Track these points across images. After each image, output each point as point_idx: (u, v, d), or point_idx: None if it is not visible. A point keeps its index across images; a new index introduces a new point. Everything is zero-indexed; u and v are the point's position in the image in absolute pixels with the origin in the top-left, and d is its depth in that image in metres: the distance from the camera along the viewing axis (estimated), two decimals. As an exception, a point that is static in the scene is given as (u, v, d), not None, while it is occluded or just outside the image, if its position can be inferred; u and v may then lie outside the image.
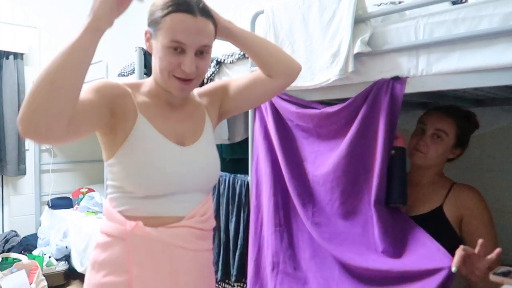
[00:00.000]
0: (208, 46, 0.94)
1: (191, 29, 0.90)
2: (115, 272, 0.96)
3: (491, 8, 0.99)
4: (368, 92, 1.24)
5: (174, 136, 1.00)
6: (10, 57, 3.49)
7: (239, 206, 1.77)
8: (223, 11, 3.31)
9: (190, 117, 1.06)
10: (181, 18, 0.89)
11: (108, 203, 1.03)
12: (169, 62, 0.91)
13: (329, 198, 1.37)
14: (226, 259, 1.80)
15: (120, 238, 0.96)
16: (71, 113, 0.76)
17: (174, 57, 0.91)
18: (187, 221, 1.00)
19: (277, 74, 1.10)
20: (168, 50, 0.90)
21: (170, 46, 0.90)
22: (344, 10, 1.24)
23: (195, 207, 1.02)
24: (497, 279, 0.88)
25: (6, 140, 3.50)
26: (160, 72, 0.94)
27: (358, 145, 1.28)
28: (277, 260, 1.48)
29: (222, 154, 2.43)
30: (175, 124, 1.02)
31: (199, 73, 0.95)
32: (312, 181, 1.45)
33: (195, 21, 0.90)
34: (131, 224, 0.95)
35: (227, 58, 1.81)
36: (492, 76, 1.02)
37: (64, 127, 0.75)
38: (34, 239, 3.40)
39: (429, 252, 1.16)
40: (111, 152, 0.97)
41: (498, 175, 1.78)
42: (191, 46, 0.90)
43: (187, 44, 0.90)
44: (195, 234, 1.02)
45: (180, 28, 0.89)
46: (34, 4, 3.72)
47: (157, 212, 0.98)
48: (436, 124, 1.32)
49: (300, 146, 1.51)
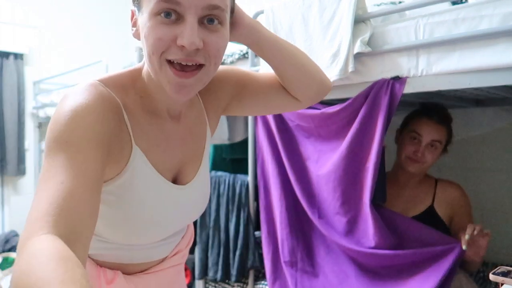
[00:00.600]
0: (220, 8, 0.58)
1: None
2: None
3: (491, 8, 0.99)
4: (368, 92, 1.24)
5: (170, 170, 0.72)
6: (10, 57, 3.49)
7: (239, 206, 1.77)
8: (223, 11, 3.23)
9: (191, 135, 0.76)
10: None
11: None
12: (158, 38, 0.57)
13: (331, 198, 1.38)
14: (226, 259, 1.80)
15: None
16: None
17: (167, 29, 0.57)
18: (170, 260, 0.81)
19: (305, 98, 0.84)
20: (156, 19, 0.57)
21: (158, 10, 0.56)
22: (344, 10, 1.24)
23: (178, 241, 0.82)
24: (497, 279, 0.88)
25: (6, 140, 3.50)
26: (149, 60, 0.60)
27: (358, 144, 1.29)
28: (295, 259, 1.52)
29: (222, 154, 2.43)
30: (175, 149, 0.72)
31: (209, 54, 0.60)
32: (316, 181, 1.46)
33: None
34: (107, 277, 0.72)
35: (227, 58, 1.80)
36: (492, 76, 1.02)
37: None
38: (34, 239, 3.40)
39: (435, 238, 1.24)
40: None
41: (498, 175, 1.79)
42: (192, 5, 0.56)
43: (184, 4, 0.56)
44: (178, 270, 0.86)
45: None
46: (34, 4, 3.72)
47: (138, 259, 0.76)
48: (432, 135, 1.35)
49: (302, 145, 1.52)
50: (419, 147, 1.36)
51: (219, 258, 1.81)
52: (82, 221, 0.48)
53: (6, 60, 3.49)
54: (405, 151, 1.40)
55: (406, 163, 1.40)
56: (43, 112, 3.56)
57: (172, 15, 0.57)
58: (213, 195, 1.92)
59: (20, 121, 3.59)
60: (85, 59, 3.33)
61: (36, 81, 3.67)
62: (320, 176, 1.43)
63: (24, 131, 3.65)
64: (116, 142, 0.61)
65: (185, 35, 0.56)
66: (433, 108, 1.40)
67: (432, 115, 1.37)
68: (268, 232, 1.61)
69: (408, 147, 1.39)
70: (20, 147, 3.58)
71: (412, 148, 1.38)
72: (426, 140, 1.36)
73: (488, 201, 1.74)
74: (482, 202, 1.69)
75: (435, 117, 1.36)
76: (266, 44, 0.75)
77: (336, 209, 1.38)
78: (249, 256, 1.70)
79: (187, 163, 0.75)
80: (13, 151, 3.51)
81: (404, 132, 1.43)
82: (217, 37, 0.60)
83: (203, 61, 0.60)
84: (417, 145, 1.37)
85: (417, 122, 1.38)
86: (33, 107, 3.71)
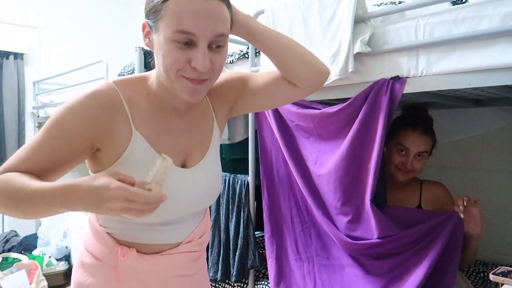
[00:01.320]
0: (224, 35, 0.74)
1: (202, 13, 0.70)
2: None
3: (491, 8, 0.99)
4: (368, 92, 1.24)
5: (176, 155, 0.82)
6: (10, 57, 3.49)
7: (239, 206, 1.77)
8: (223, 11, 3.19)
9: (197, 127, 0.88)
10: (188, 0, 0.70)
11: (94, 219, 0.88)
12: (175, 60, 0.72)
13: (332, 198, 1.38)
14: (226, 259, 1.80)
15: (109, 265, 0.83)
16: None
17: (182, 52, 0.72)
18: (184, 246, 0.88)
19: (303, 83, 0.92)
20: (173, 44, 0.71)
21: (175, 38, 0.71)
22: (344, 10, 1.24)
23: (192, 229, 0.90)
24: (497, 279, 0.88)
25: (6, 140, 3.50)
26: (166, 73, 0.75)
27: (359, 145, 1.28)
28: (311, 255, 1.53)
29: (222, 154, 2.43)
30: (179, 138, 0.84)
31: (214, 70, 0.76)
32: (316, 181, 1.46)
33: (206, 3, 0.70)
34: (123, 251, 0.82)
35: (227, 58, 1.80)
36: (492, 76, 1.02)
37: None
38: (34, 239, 3.40)
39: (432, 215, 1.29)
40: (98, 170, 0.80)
41: (498, 175, 1.79)
42: (203, 36, 0.71)
43: (198, 34, 0.71)
44: (193, 258, 0.91)
45: (188, 13, 0.69)
46: (34, 4, 3.72)
47: (152, 240, 0.85)
48: (419, 148, 1.40)
49: (302, 146, 1.52)
50: (408, 159, 1.41)
51: (219, 258, 1.81)
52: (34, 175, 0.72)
53: (6, 60, 3.49)
54: (393, 162, 1.44)
55: (396, 173, 1.44)
56: (43, 112, 3.56)
57: (187, 42, 0.71)
58: (213, 195, 1.92)
59: (20, 121, 3.59)
60: (85, 59, 3.33)
61: (36, 81, 3.67)
62: (320, 177, 1.43)
63: (24, 131, 3.65)
64: (107, 130, 0.76)
65: (199, 61, 0.72)
66: (416, 117, 1.44)
67: (417, 126, 1.41)
68: (272, 232, 1.61)
69: (396, 158, 1.43)
70: (20, 147, 3.57)
71: (400, 160, 1.42)
72: (414, 152, 1.40)
73: (488, 201, 1.74)
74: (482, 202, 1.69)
75: (420, 128, 1.40)
76: (258, 34, 0.88)
77: (337, 209, 1.39)
78: (249, 256, 1.70)
79: (193, 151, 0.86)
80: (13, 151, 3.47)
81: (391, 142, 1.45)
82: (221, 57, 0.77)
83: (209, 76, 0.77)
84: (405, 157, 1.41)
85: (403, 135, 1.42)
86: (33, 107, 3.71)
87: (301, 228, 1.55)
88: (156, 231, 0.84)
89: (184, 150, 0.85)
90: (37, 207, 0.69)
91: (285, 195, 1.59)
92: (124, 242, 0.83)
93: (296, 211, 1.56)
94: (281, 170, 1.60)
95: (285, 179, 1.59)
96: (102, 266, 0.84)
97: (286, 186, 1.59)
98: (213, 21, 0.72)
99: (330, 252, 1.49)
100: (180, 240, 0.88)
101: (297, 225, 1.56)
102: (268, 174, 1.66)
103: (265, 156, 1.67)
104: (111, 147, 0.77)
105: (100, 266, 0.85)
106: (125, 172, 0.68)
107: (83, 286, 0.86)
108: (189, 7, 0.70)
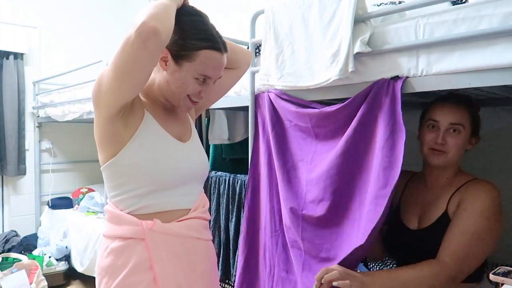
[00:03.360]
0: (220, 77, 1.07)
1: (220, 65, 1.02)
2: (138, 272, 0.99)
3: (491, 8, 0.99)
4: (367, 92, 1.24)
5: (174, 133, 1.08)
6: (10, 57, 3.49)
7: (239, 206, 1.77)
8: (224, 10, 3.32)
9: (179, 120, 1.15)
10: (215, 56, 0.99)
11: (114, 207, 1.04)
12: (193, 90, 1.01)
13: (321, 197, 1.34)
14: (226, 259, 1.80)
15: (137, 239, 0.99)
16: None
17: (199, 86, 1.01)
18: (194, 212, 1.08)
19: (240, 64, 1.25)
20: (195, 80, 1.00)
21: (198, 78, 1.00)
22: (344, 10, 1.24)
23: (196, 199, 1.12)
24: (497, 279, 0.88)
25: (6, 140, 3.50)
26: (177, 93, 1.02)
27: (354, 144, 1.27)
28: (273, 263, 1.51)
29: (222, 154, 2.43)
30: (173, 123, 1.11)
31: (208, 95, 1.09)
32: (306, 182, 1.43)
33: (223, 58, 1.02)
34: (148, 223, 0.99)
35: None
36: (492, 76, 1.02)
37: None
38: (34, 239, 3.40)
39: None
40: (117, 147, 0.98)
41: (498, 175, 1.79)
42: (214, 78, 1.04)
43: (212, 78, 1.03)
44: (203, 224, 1.13)
45: (212, 65, 1.00)
46: (34, 4, 3.72)
47: (166, 206, 1.03)
48: (450, 118, 1.21)
49: (298, 146, 1.50)
50: (438, 133, 1.22)
51: (219, 258, 1.81)
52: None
53: (6, 60, 3.49)
54: (425, 143, 1.26)
55: (429, 156, 1.25)
56: (43, 112, 3.56)
57: (203, 80, 1.02)
58: (213, 195, 1.92)
59: (20, 121, 3.59)
60: (85, 59, 3.33)
61: (36, 81, 3.67)
62: (312, 176, 1.40)
63: (24, 131, 3.65)
64: (130, 110, 0.99)
65: (207, 93, 1.06)
66: (450, 93, 1.27)
67: (447, 98, 1.25)
68: (246, 232, 1.61)
69: (427, 136, 1.26)
70: (20, 147, 3.58)
71: (431, 136, 1.24)
72: (444, 124, 1.22)
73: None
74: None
75: (451, 100, 1.24)
76: None
77: (323, 210, 1.34)
78: (249, 256, 1.70)
79: (183, 133, 1.13)
80: (13, 151, 3.51)
81: (422, 123, 1.31)
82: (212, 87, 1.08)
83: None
84: (436, 132, 1.24)
85: (433, 108, 1.26)
86: (33, 107, 3.71)
87: (270, 235, 1.53)
88: (166, 198, 1.03)
89: (177, 130, 1.10)
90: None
91: (265, 200, 1.57)
92: (145, 216, 1.01)
93: (269, 217, 1.53)
94: (265, 175, 1.58)
95: (266, 184, 1.56)
96: (131, 243, 1.00)
97: (266, 191, 1.56)
98: (222, 70, 1.05)
99: (290, 266, 1.46)
100: (189, 206, 1.08)
101: (267, 231, 1.54)
102: (255, 175, 1.64)
103: (256, 157, 1.65)
104: (131, 116, 0.99)
105: (129, 244, 1.00)
106: (139, 144, 0.98)
107: (115, 267, 1.00)
108: (215, 60, 1.00)
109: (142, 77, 0.93)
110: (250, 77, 1.65)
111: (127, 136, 0.98)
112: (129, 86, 0.92)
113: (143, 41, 0.84)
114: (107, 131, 0.97)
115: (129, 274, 0.99)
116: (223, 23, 3.00)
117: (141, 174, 0.99)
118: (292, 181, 1.47)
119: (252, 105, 1.67)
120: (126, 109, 0.97)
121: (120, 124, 0.97)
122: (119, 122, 0.97)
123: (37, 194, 3.72)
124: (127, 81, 0.90)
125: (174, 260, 1.02)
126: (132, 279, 0.99)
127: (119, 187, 1.01)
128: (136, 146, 0.98)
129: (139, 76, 0.91)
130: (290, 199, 1.44)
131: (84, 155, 3.88)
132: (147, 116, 1.02)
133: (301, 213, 1.40)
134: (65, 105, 3.17)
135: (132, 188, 1.00)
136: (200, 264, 1.08)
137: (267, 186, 1.56)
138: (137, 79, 0.92)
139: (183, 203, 1.07)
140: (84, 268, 2.85)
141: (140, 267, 0.99)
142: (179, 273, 1.02)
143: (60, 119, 3.28)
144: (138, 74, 0.91)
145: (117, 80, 0.90)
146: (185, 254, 1.04)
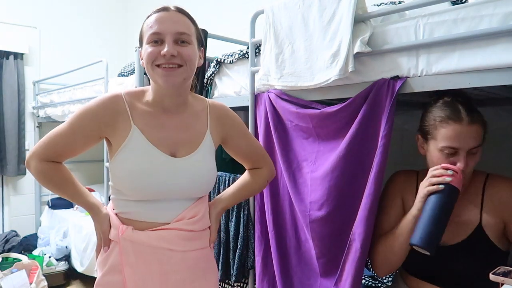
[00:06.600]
0: (186, 34, 1.01)
1: (165, 19, 1.00)
2: (112, 273, 1.06)
3: (491, 8, 0.99)
4: (368, 92, 1.24)
5: (167, 146, 1.06)
6: (10, 57, 3.49)
7: (239, 206, 1.76)
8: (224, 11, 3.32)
9: (186, 127, 1.10)
10: (158, 15, 1.01)
11: (110, 205, 1.12)
12: (150, 53, 1.00)
13: (325, 198, 1.35)
14: (226, 259, 1.80)
15: (116, 242, 1.06)
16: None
17: (155, 48, 0.99)
18: (174, 224, 1.06)
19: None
20: (148, 44, 1.00)
21: (150, 40, 1.00)
22: (344, 10, 1.24)
23: (180, 213, 1.07)
24: (497, 279, 0.88)
25: (6, 140, 3.50)
26: (146, 69, 1.02)
27: (357, 145, 1.27)
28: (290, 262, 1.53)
29: (222, 154, 2.43)
30: (170, 133, 1.07)
31: (183, 59, 1.00)
32: (310, 182, 1.44)
33: (169, 14, 1.01)
34: (122, 228, 1.04)
35: (227, 58, 1.80)
36: (492, 76, 1.02)
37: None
38: (34, 239, 3.40)
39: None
40: (110, 155, 1.08)
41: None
42: (168, 34, 0.99)
43: (163, 33, 0.99)
44: (183, 236, 1.06)
45: (157, 21, 1.00)
46: (34, 4, 3.72)
47: (145, 217, 1.05)
48: (471, 142, 1.08)
49: (301, 146, 1.50)
50: (458, 159, 1.09)
51: (219, 258, 1.81)
52: (58, 155, 1.08)
53: (6, 60, 3.49)
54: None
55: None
56: (43, 112, 3.56)
57: (158, 41, 1.00)
58: (213, 195, 1.92)
59: (20, 121, 3.59)
60: (85, 59, 3.33)
61: (36, 81, 3.67)
62: (316, 176, 1.41)
63: (24, 131, 3.65)
64: (110, 125, 1.04)
65: (165, 49, 0.98)
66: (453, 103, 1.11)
67: (459, 114, 1.08)
68: (260, 231, 1.64)
69: (442, 162, 1.11)
70: (20, 147, 3.58)
71: (447, 161, 1.11)
72: (465, 150, 1.08)
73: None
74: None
75: (464, 117, 1.07)
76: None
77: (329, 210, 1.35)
78: (249, 256, 1.70)
79: (182, 146, 1.08)
80: (13, 151, 3.51)
81: (429, 143, 1.15)
82: (187, 49, 1.02)
83: (180, 62, 1.01)
84: (454, 157, 1.10)
85: (446, 132, 1.09)
86: (33, 107, 3.71)
87: (285, 235, 1.55)
88: (148, 209, 1.05)
89: (173, 143, 1.07)
90: (68, 199, 1.12)
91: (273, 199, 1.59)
92: (127, 221, 1.06)
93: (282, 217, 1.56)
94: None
95: (274, 184, 1.58)
96: (112, 245, 1.07)
97: (267, 190, 1.58)
98: (175, 24, 1.00)
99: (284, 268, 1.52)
100: (168, 221, 1.06)
101: (282, 231, 1.57)
102: None
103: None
104: (115, 137, 1.04)
105: (112, 245, 1.07)
106: (123, 157, 1.03)
107: (101, 264, 1.09)
108: (155, 17, 1.00)
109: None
110: (250, 77, 1.65)
111: (116, 147, 1.04)
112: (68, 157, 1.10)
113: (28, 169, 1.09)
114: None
115: (106, 273, 1.07)
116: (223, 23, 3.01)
117: (121, 184, 1.04)
118: (298, 182, 1.48)
119: (252, 105, 1.67)
120: (108, 132, 1.05)
121: (109, 141, 1.07)
122: (107, 140, 1.08)
123: (37, 194, 3.72)
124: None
125: (143, 267, 1.04)
126: (107, 278, 1.06)
127: (113, 187, 1.09)
128: (121, 158, 1.03)
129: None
130: (298, 201, 1.46)
131: (84, 155, 3.83)
132: (134, 130, 1.03)
133: (308, 213, 1.42)
134: (65, 105, 3.17)
135: (118, 192, 1.07)
136: (174, 274, 1.05)
137: (275, 186, 1.57)
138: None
139: (161, 218, 1.05)
140: (84, 268, 2.84)
141: (114, 269, 1.05)
142: (148, 281, 1.04)
143: (60, 119, 3.28)
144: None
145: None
146: (156, 263, 1.04)
